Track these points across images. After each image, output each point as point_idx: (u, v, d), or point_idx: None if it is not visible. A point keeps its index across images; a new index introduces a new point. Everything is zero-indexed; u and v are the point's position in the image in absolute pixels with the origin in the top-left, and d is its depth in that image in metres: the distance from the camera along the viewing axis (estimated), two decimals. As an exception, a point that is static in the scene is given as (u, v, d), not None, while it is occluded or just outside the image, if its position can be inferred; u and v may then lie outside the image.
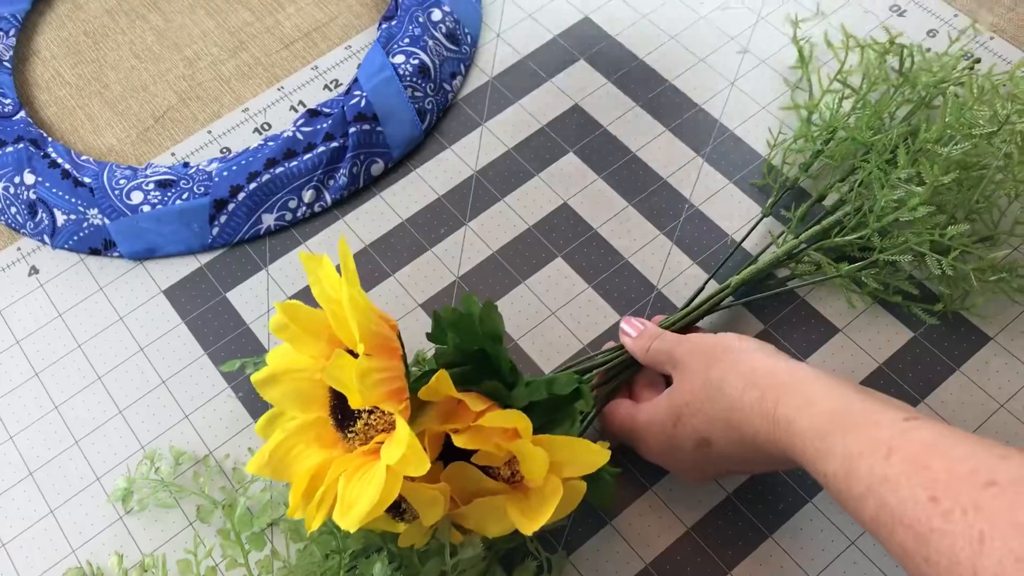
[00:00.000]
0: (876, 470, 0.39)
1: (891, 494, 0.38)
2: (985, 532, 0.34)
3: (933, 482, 0.37)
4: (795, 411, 0.44)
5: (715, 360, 0.49)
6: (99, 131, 0.74)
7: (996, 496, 0.35)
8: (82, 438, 0.60)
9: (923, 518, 0.37)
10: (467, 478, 0.46)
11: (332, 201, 0.68)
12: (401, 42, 0.71)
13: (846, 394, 0.44)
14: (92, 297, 0.66)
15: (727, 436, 0.48)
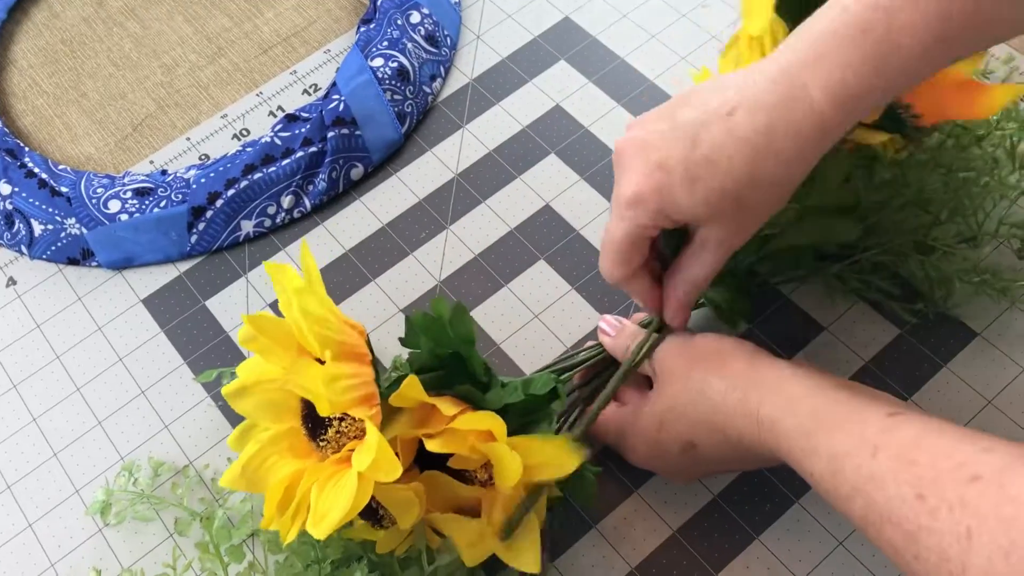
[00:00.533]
0: (862, 469, 0.39)
1: (878, 492, 0.38)
2: (972, 528, 0.34)
3: (919, 479, 0.37)
4: (778, 411, 0.44)
5: (696, 363, 0.48)
6: (77, 140, 0.73)
7: (981, 491, 0.35)
8: (61, 450, 0.59)
9: (911, 516, 0.36)
10: (441, 486, 0.46)
11: (312, 206, 0.67)
12: (380, 45, 0.71)
13: (829, 392, 0.43)
14: (70, 307, 0.65)
15: (711, 438, 0.48)
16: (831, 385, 0.44)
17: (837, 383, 0.45)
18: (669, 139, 0.45)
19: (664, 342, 0.51)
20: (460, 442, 0.44)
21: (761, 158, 0.44)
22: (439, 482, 0.46)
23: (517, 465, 0.43)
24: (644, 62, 0.72)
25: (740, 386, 0.46)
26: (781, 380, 0.45)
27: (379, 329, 0.62)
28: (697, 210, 0.45)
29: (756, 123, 0.44)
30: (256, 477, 0.44)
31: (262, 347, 0.44)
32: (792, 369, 0.45)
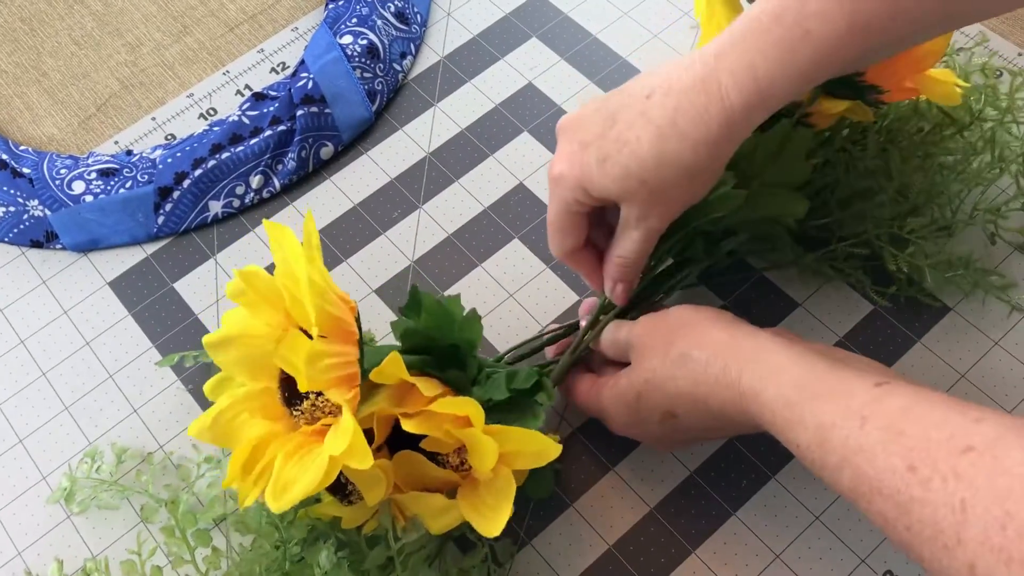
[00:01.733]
0: (851, 440, 0.39)
1: (867, 464, 0.38)
2: (967, 500, 0.34)
3: (910, 450, 0.36)
4: (761, 381, 0.43)
5: (674, 336, 0.48)
6: (38, 120, 0.71)
7: (974, 462, 0.34)
8: (27, 436, 0.58)
9: (902, 487, 0.36)
10: (414, 466, 0.45)
11: (281, 186, 0.66)
12: (348, 22, 0.70)
13: (813, 361, 0.43)
14: (35, 291, 0.64)
15: (693, 409, 0.47)
16: (815, 354, 0.43)
17: (820, 351, 0.44)
18: (593, 120, 0.47)
19: (639, 322, 0.51)
20: (436, 425, 0.44)
21: (667, 140, 0.45)
22: (411, 462, 0.46)
23: (493, 450, 0.43)
24: (616, 39, 0.71)
25: (720, 357, 0.45)
26: (762, 350, 0.44)
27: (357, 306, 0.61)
28: (609, 187, 0.47)
29: (666, 105, 0.45)
30: (225, 432, 0.43)
31: (250, 302, 0.44)
32: (773, 338, 0.45)
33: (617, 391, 0.50)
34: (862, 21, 0.42)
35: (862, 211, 0.56)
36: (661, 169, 0.45)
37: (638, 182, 0.46)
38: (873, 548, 0.51)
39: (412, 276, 0.62)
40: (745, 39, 0.44)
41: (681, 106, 0.44)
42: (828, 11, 0.42)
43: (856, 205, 0.56)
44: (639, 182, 0.46)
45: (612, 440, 0.55)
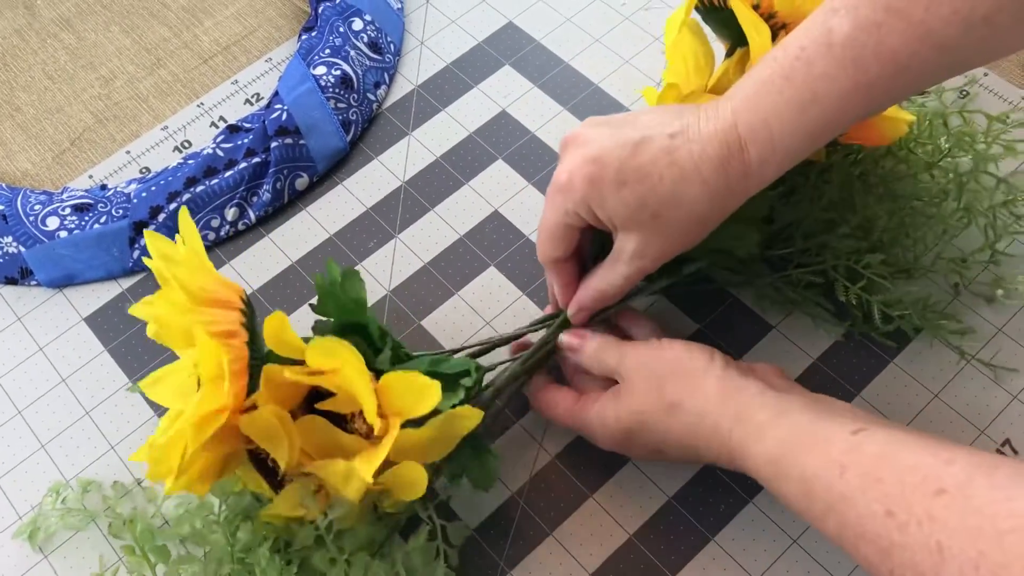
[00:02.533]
0: (833, 489, 0.41)
1: (849, 511, 0.40)
2: (942, 542, 0.35)
3: (886, 496, 0.38)
4: (749, 439, 0.46)
5: (669, 380, 0.49)
6: (11, 156, 0.71)
7: (947, 504, 0.36)
8: (2, 476, 0.58)
9: (882, 532, 0.38)
10: (319, 431, 0.45)
11: (256, 218, 0.66)
12: (322, 53, 0.70)
13: (795, 414, 0.45)
14: (9, 328, 0.63)
15: (682, 452, 0.49)
16: (798, 406, 0.45)
17: (803, 403, 0.46)
18: (612, 142, 0.48)
19: (631, 351, 0.51)
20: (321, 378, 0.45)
21: (688, 182, 0.46)
22: (316, 427, 0.46)
23: (368, 389, 0.43)
24: (588, 66, 0.72)
25: (712, 413, 0.47)
26: (750, 406, 0.46)
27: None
28: (618, 211, 0.48)
29: (692, 150, 0.46)
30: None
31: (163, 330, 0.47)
32: (761, 394, 0.47)
33: (606, 421, 0.51)
34: (865, 81, 0.44)
35: (824, 242, 0.57)
36: (677, 209, 0.47)
37: (651, 215, 0.47)
38: (850, 571, 0.52)
39: (389, 306, 0.62)
40: (759, 97, 0.46)
41: (706, 154, 0.46)
42: (833, 73, 0.44)
43: (819, 236, 0.57)
44: (652, 215, 0.47)
45: (590, 467, 0.55)
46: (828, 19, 0.44)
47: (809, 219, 0.57)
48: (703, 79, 0.55)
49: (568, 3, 0.76)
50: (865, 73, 0.44)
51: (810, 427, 0.44)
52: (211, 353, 0.43)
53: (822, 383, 0.57)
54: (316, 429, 0.46)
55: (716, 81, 0.55)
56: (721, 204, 0.48)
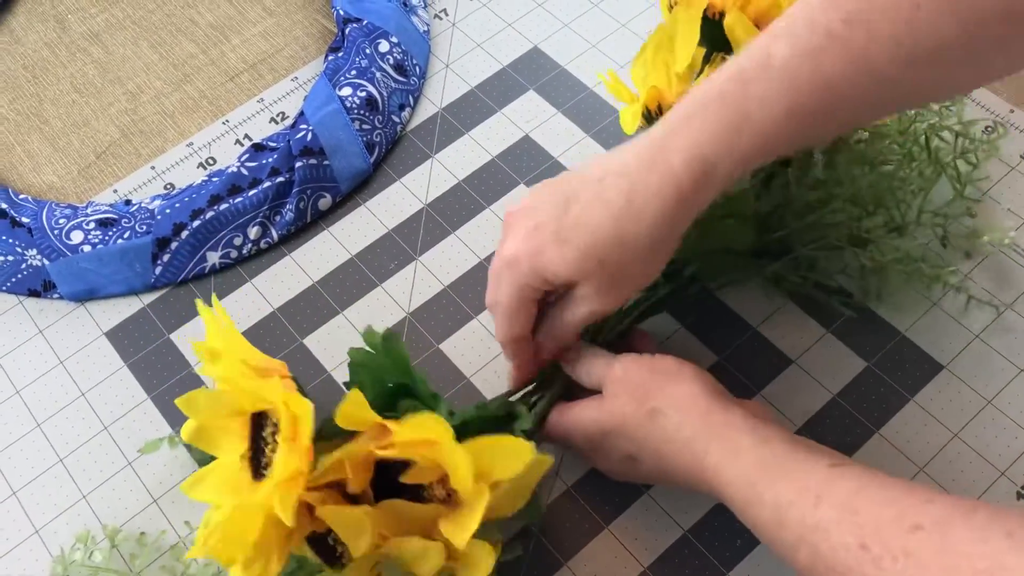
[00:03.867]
0: (806, 518, 0.40)
1: (822, 542, 0.39)
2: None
3: (861, 528, 0.38)
4: (724, 460, 0.45)
5: (651, 391, 0.49)
6: (39, 168, 0.72)
7: (923, 540, 0.36)
8: (20, 488, 0.58)
9: (855, 565, 0.37)
10: (400, 513, 0.45)
11: (279, 237, 0.66)
12: (348, 74, 0.70)
13: (774, 444, 0.44)
14: (31, 341, 0.64)
15: (656, 461, 0.48)
16: (776, 438, 0.45)
17: (784, 436, 0.45)
18: (547, 204, 0.48)
19: (617, 361, 0.51)
20: (409, 450, 0.44)
21: (624, 220, 0.45)
22: (396, 509, 0.45)
23: (464, 461, 0.43)
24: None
25: (691, 426, 0.47)
26: (730, 428, 0.46)
27: (346, 363, 0.61)
28: (567, 269, 0.47)
29: (620, 187, 0.46)
30: None
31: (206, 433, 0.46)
32: (743, 419, 0.46)
33: (584, 422, 0.51)
34: (800, 106, 0.43)
35: (818, 219, 0.58)
36: (619, 249, 0.46)
37: (596, 263, 0.47)
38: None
39: (408, 328, 0.63)
40: (691, 119, 0.44)
41: (635, 187, 0.45)
42: (767, 96, 0.43)
43: (811, 216, 0.58)
44: (597, 263, 0.47)
45: (606, 498, 0.55)
46: (769, 43, 0.43)
47: (798, 201, 0.57)
48: (685, 86, 0.55)
49: (593, 30, 0.76)
50: (800, 97, 0.43)
51: (789, 456, 0.43)
52: (289, 403, 0.42)
53: (841, 418, 0.57)
54: (397, 511, 0.45)
55: None
56: (662, 233, 0.46)
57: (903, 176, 0.60)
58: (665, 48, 0.53)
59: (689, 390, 0.48)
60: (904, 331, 0.60)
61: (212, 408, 0.45)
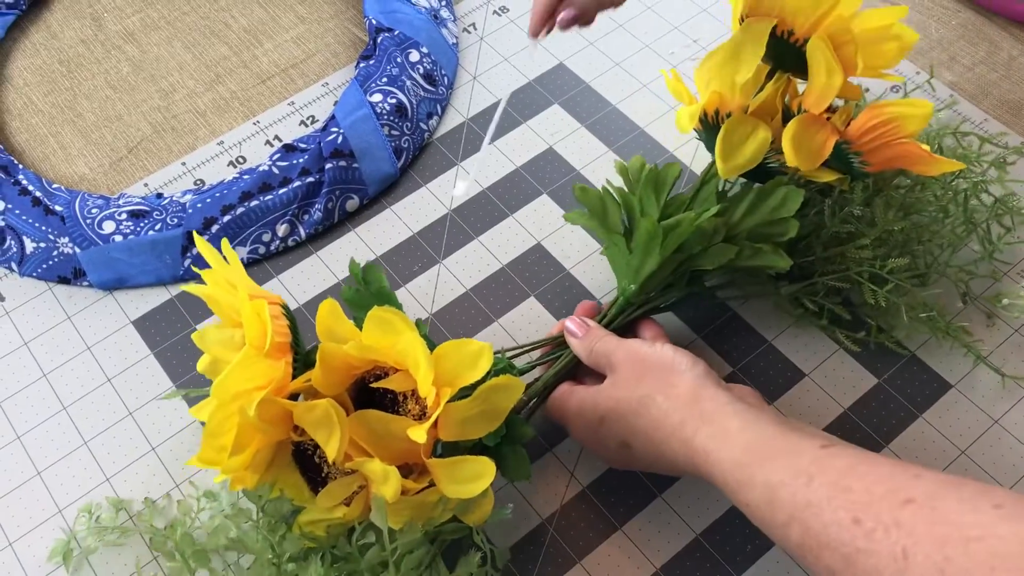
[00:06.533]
0: (798, 497, 0.41)
1: (814, 519, 0.40)
2: (908, 547, 0.36)
3: (854, 504, 0.39)
4: (714, 443, 0.46)
5: (645, 375, 0.51)
6: (71, 160, 0.73)
7: (915, 512, 0.37)
8: (44, 469, 0.59)
9: (847, 539, 0.38)
10: (371, 422, 0.47)
11: (306, 236, 0.68)
12: (379, 81, 0.72)
13: (764, 426, 0.46)
14: (59, 326, 0.65)
15: (648, 447, 0.50)
16: (768, 420, 0.46)
17: (774, 419, 0.47)
18: None
19: (625, 345, 0.53)
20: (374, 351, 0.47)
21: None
22: (368, 419, 0.47)
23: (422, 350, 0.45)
24: (635, 110, 0.74)
25: (680, 411, 0.48)
26: (719, 413, 0.47)
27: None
28: None
29: None
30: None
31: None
32: (732, 403, 0.48)
33: (584, 407, 0.53)
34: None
35: (843, 252, 0.59)
36: None
37: None
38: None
39: (430, 329, 0.64)
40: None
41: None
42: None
43: (839, 247, 0.59)
44: None
45: (620, 499, 0.57)
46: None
47: (828, 231, 0.59)
48: (747, 99, 0.57)
49: (617, 48, 0.78)
50: None
51: (779, 438, 0.45)
52: (255, 312, 0.46)
53: (851, 431, 0.59)
54: (368, 420, 0.47)
55: (758, 104, 0.57)
56: None
57: (935, 229, 0.62)
58: (732, 58, 0.55)
59: (680, 378, 0.50)
60: (915, 350, 0.62)
61: (220, 339, 0.50)
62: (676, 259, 0.57)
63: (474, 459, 0.47)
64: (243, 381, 0.46)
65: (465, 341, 0.47)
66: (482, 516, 0.50)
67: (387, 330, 0.46)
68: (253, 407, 0.45)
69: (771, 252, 0.57)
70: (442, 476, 0.47)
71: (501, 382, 0.47)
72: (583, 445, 0.56)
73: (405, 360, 0.47)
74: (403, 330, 0.46)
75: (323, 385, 0.48)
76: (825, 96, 0.54)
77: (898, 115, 0.53)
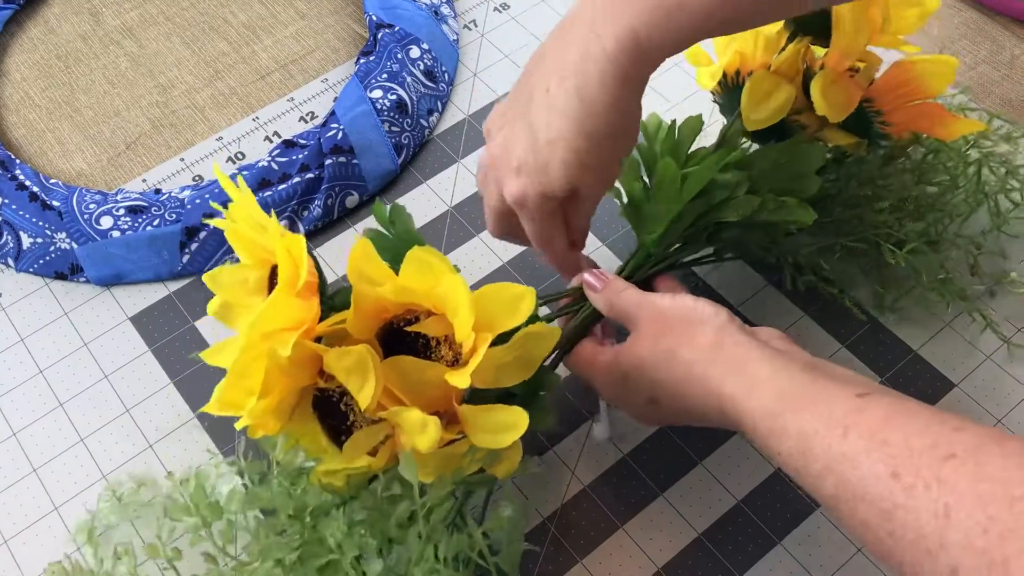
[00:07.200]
0: (834, 448, 0.40)
1: (851, 471, 0.39)
2: (950, 504, 0.35)
3: (893, 457, 0.38)
4: (742, 391, 0.44)
5: (667, 329, 0.49)
6: (68, 155, 0.73)
7: (957, 468, 0.36)
8: (40, 466, 0.59)
9: (885, 494, 0.37)
10: (405, 372, 0.45)
11: (305, 232, 0.67)
12: (379, 77, 0.72)
13: (794, 373, 0.44)
14: (56, 322, 0.64)
15: (674, 402, 0.49)
16: (798, 366, 0.44)
17: (804, 363, 0.45)
18: (517, 138, 0.50)
19: (646, 299, 0.52)
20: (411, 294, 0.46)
21: (582, 122, 0.47)
22: (402, 366, 0.45)
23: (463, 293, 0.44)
24: (637, 107, 0.73)
25: (703, 361, 0.47)
26: (745, 360, 0.45)
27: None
28: (563, 184, 0.49)
29: (567, 90, 0.47)
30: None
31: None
32: (759, 348, 0.46)
33: (608, 367, 0.52)
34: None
35: (862, 214, 0.59)
36: (592, 146, 0.48)
37: (580, 167, 0.49)
38: (876, 618, 0.52)
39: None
40: (623, 5, 0.46)
41: (580, 84, 0.47)
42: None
43: (856, 209, 0.59)
44: (580, 167, 0.49)
45: (622, 498, 0.56)
46: None
47: (846, 193, 0.59)
48: (769, 57, 0.57)
49: (619, 46, 0.77)
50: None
51: (812, 385, 0.43)
52: (288, 248, 0.44)
53: (854, 432, 0.58)
54: (403, 367, 0.45)
55: (778, 66, 0.57)
56: (621, 112, 0.48)
57: (948, 199, 0.62)
58: None
59: (701, 328, 0.48)
60: (917, 349, 0.61)
61: (233, 282, 0.49)
62: (697, 208, 0.56)
63: (507, 408, 0.45)
64: (275, 321, 0.45)
65: (506, 284, 0.45)
66: (510, 468, 0.48)
67: (427, 272, 0.45)
68: (289, 347, 0.43)
69: (796, 206, 0.56)
70: (474, 424, 0.46)
71: (538, 329, 0.46)
72: (611, 403, 0.54)
73: (444, 303, 0.45)
74: (444, 272, 0.44)
75: (356, 329, 0.46)
76: (850, 53, 0.54)
77: (924, 72, 0.54)
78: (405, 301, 0.47)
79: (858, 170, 0.59)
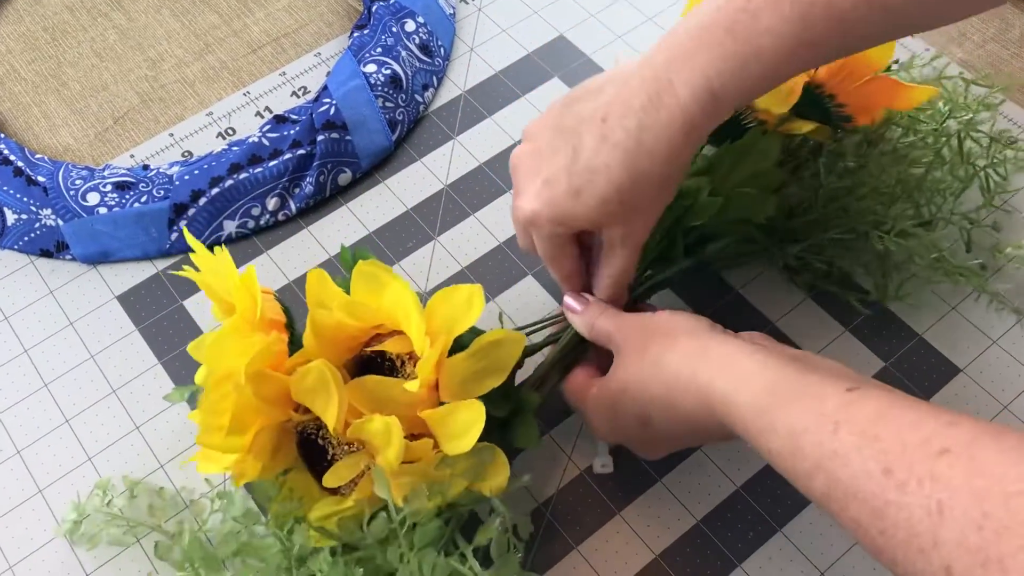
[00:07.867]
0: (824, 445, 0.38)
1: (842, 469, 0.37)
2: (944, 501, 0.34)
3: (885, 454, 0.36)
4: (731, 387, 0.43)
5: (651, 340, 0.48)
6: (55, 129, 0.71)
7: (951, 464, 0.34)
8: (25, 447, 0.57)
9: (877, 491, 0.36)
10: (371, 390, 0.45)
11: (297, 210, 0.66)
12: (373, 51, 0.70)
13: (782, 367, 0.43)
14: (41, 301, 0.63)
15: (666, 414, 0.47)
16: (785, 360, 0.43)
17: (790, 356, 0.44)
18: (554, 150, 0.48)
19: (625, 318, 0.51)
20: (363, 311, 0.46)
21: (635, 160, 0.46)
22: (365, 385, 0.45)
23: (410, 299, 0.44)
24: (637, 84, 0.72)
25: (690, 362, 0.45)
26: (732, 356, 0.45)
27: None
28: (589, 217, 0.48)
29: (627, 127, 0.45)
30: None
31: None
32: (744, 345, 0.45)
33: (595, 399, 0.50)
34: (810, 38, 0.44)
35: (845, 205, 0.58)
36: (636, 187, 0.46)
37: (618, 204, 0.47)
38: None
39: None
40: (699, 51, 0.44)
41: (643, 124, 0.45)
42: (779, 29, 0.43)
43: (838, 202, 0.58)
44: (619, 204, 0.47)
45: (619, 484, 0.55)
46: None
47: (825, 189, 0.58)
48: None
49: (619, 21, 0.76)
50: (811, 31, 0.43)
51: (800, 380, 0.42)
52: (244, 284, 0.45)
53: (857, 417, 0.57)
54: (366, 386, 0.45)
55: None
56: (677, 163, 0.46)
57: (936, 177, 0.60)
58: None
59: (684, 334, 0.47)
60: (922, 333, 0.60)
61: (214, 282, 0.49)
62: (665, 220, 0.54)
63: (466, 404, 0.45)
64: (235, 355, 0.44)
65: (454, 287, 0.45)
66: (499, 485, 0.47)
67: (373, 284, 0.45)
68: (243, 374, 0.43)
69: (754, 197, 0.55)
70: (443, 432, 0.45)
71: (499, 336, 0.46)
72: (607, 439, 0.53)
73: (396, 314, 0.45)
74: (388, 282, 0.45)
75: (318, 355, 0.46)
76: None
77: None
78: (364, 323, 0.46)
79: (832, 163, 0.58)
